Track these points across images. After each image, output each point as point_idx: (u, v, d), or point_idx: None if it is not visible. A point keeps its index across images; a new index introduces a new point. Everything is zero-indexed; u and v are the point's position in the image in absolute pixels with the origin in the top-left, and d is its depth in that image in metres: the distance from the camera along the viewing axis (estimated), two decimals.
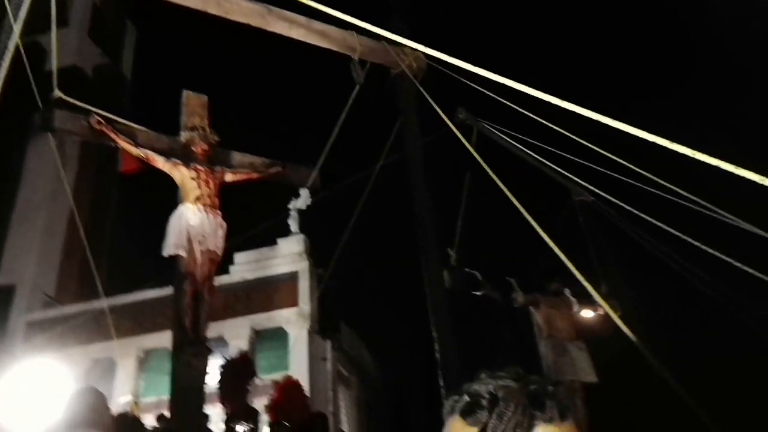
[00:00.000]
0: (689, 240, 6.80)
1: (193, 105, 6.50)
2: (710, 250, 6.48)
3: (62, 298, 16.81)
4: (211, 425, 6.53)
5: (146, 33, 24.58)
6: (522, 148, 8.48)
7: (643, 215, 7.52)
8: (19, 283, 16.79)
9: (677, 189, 6.29)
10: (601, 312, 8.05)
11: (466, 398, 1.02)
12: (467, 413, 1.00)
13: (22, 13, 3.66)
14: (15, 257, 17.21)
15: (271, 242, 14.84)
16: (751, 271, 5.95)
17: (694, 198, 6.37)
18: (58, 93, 6.01)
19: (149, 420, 10.92)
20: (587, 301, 8.05)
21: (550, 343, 7.76)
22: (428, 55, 5.92)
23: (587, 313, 8.20)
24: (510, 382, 1.00)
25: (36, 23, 5.39)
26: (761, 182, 2.07)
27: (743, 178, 1.98)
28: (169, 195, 6.23)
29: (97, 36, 21.84)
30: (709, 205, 6.37)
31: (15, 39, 3.70)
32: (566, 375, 7.45)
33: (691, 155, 2.04)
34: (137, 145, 6.07)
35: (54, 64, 6.11)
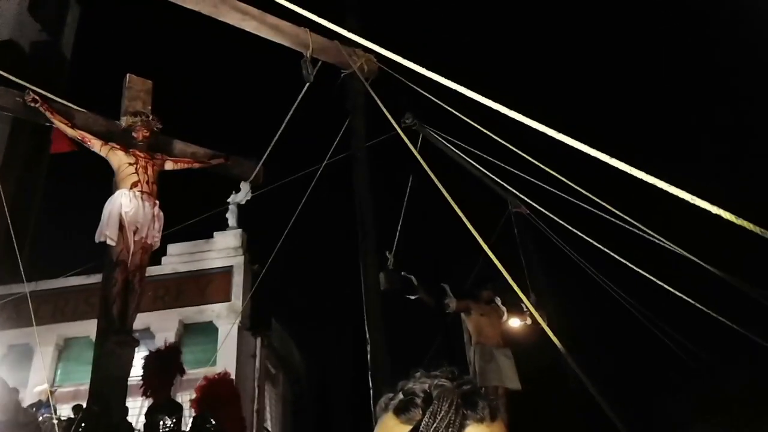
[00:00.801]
0: (617, 257, 7.10)
1: (136, 89, 6.35)
2: (637, 269, 6.78)
3: None
4: (131, 418, 6.36)
5: (90, 12, 23.70)
6: (465, 157, 8.66)
7: (574, 230, 7.82)
8: None
9: (609, 206, 6.56)
10: (528, 322, 8.30)
11: (401, 396, 1.02)
12: (401, 411, 1.00)
13: None
14: None
15: (207, 235, 14.58)
16: (671, 289, 6.27)
17: (625, 216, 6.65)
18: None
19: (65, 409, 10.56)
20: (516, 310, 8.28)
21: (478, 350, 7.92)
22: (380, 58, 5.99)
23: (515, 322, 8.43)
24: (445, 382, 1.01)
25: None
26: (691, 201, 2.21)
27: (674, 196, 2.10)
28: (102, 180, 6.06)
29: (38, 11, 20.91)
30: (639, 225, 6.66)
31: None
32: (492, 381, 7.61)
33: (628, 171, 2.15)
34: (74, 126, 5.88)
35: None
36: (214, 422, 5.92)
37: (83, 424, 5.21)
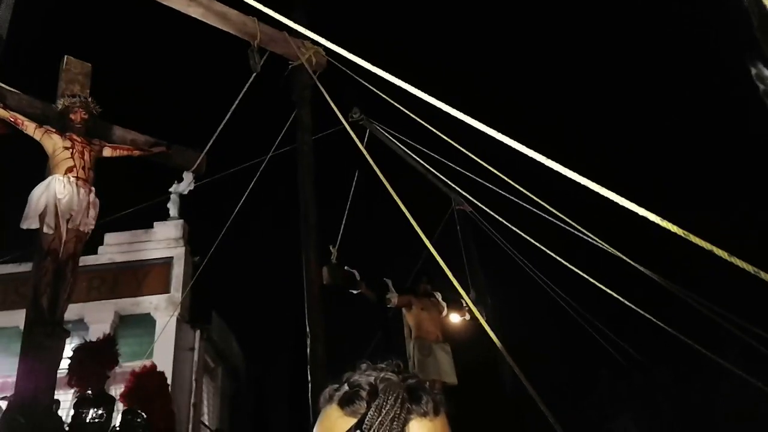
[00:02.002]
0: (555, 257, 7.31)
1: (74, 72, 6.12)
2: (573, 268, 6.99)
3: None
4: (62, 411, 6.17)
5: None
6: (410, 153, 8.73)
7: (514, 228, 7.99)
8: None
9: (548, 206, 6.74)
10: (467, 317, 8.45)
11: (346, 387, 1.01)
12: (346, 403, 0.99)
13: None
14: None
15: (147, 225, 14.20)
16: (607, 290, 6.50)
17: (562, 216, 6.85)
18: None
19: None
20: (456, 306, 8.42)
21: (417, 344, 8.02)
22: (328, 51, 5.97)
23: (455, 318, 8.57)
24: (391, 375, 1.00)
25: None
26: (621, 203, 2.30)
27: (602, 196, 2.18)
28: (34, 163, 5.83)
29: None
30: (576, 225, 6.87)
31: None
32: (430, 375, 7.72)
33: (563, 172, 2.22)
34: (6, 107, 5.63)
35: None
36: (144, 415, 5.80)
37: (9, 419, 5.01)
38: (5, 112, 5.61)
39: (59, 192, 5.47)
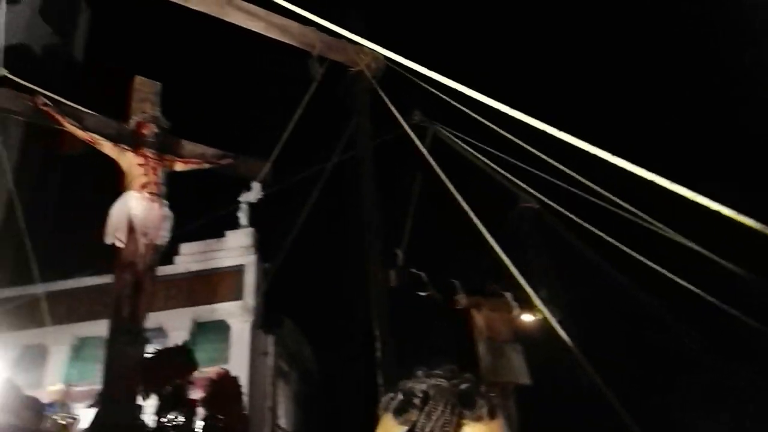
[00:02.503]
0: (627, 250, 7.07)
1: (144, 91, 6.39)
2: (647, 262, 6.74)
3: None
4: (144, 416, 6.43)
5: (101, 15, 23.86)
6: (474, 153, 8.63)
7: (585, 224, 7.77)
8: None
9: (618, 200, 6.53)
10: (539, 317, 8.28)
11: (400, 396, 1.01)
12: (399, 412, 0.99)
13: None
14: None
15: (219, 234, 14.64)
16: (683, 282, 6.24)
17: (634, 210, 6.62)
18: (2, 71, 5.82)
19: (80, 407, 10.66)
20: (526, 305, 8.27)
21: (488, 345, 7.93)
22: (386, 56, 5.98)
23: (526, 317, 8.41)
24: (442, 381, 1.00)
25: None
26: (691, 197, 2.21)
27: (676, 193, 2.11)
28: (114, 181, 6.11)
29: (49, 15, 21.09)
30: (649, 218, 6.63)
31: None
32: (502, 377, 7.62)
33: (630, 169, 2.15)
34: (84, 128, 5.94)
35: (1, 40, 5.90)
36: (222, 419, 5.98)
37: (96, 424, 5.27)
38: (83, 133, 5.92)
39: (135, 208, 5.72)
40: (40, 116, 5.87)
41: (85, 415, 9.92)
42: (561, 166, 6.74)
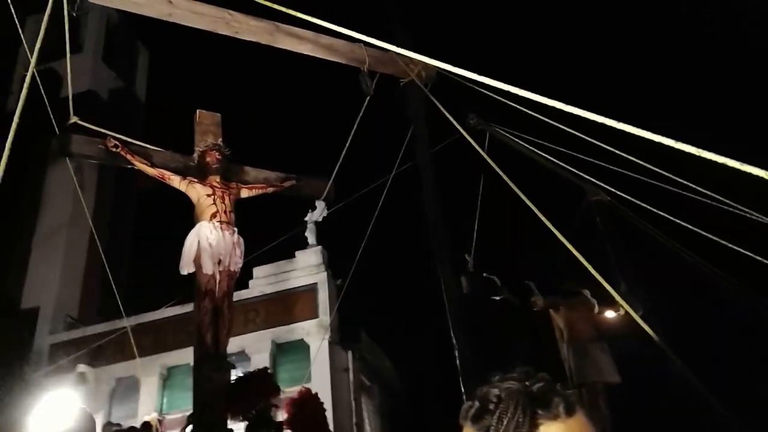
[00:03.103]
0: (708, 236, 6.75)
1: (206, 123, 6.59)
2: (732, 246, 6.42)
3: (85, 318, 17.00)
4: None
5: (158, 55, 24.96)
6: (535, 150, 8.47)
7: (660, 213, 7.47)
8: (43, 306, 17.00)
9: (693, 185, 6.25)
10: (621, 312, 7.99)
11: (477, 403, 1.02)
12: (476, 419, 0.99)
13: (39, 40, 3.77)
14: (38, 281, 17.45)
15: (289, 255, 14.92)
16: None
17: (712, 194, 6.32)
18: (74, 118, 6.14)
19: None
20: (607, 301, 7.99)
21: (571, 346, 7.71)
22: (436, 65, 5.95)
23: (608, 314, 8.14)
24: (513, 384, 1.00)
25: (50, 50, 5.51)
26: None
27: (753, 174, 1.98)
28: (186, 213, 6.31)
29: (111, 60, 22.19)
30: (728, 201, 6.32)
31: (32, 66, 3.79)
32: (589, 377, 7.39)
33: (698, 153, 2.05)
34: (153, 165, 6.17)
35: (69, 89, 6.22)
36: None
37: None
38: (153, 170, 6.15)
39: (207, 237, 5.89)
40: (111, 158, 6.14)
41: None
42: (626, 155, 6.52)
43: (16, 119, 3.31)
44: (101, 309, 16.91)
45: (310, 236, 14.55)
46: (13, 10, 5.32)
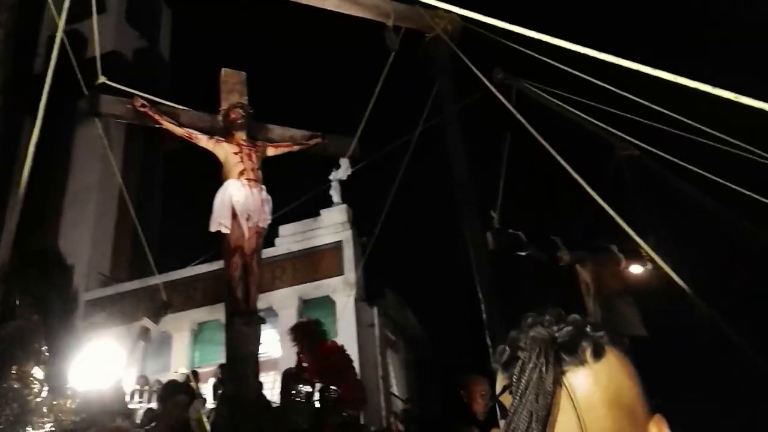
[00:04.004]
0: (739, 189, 6.63)
1: (231, 82, 6.58)
2: (765, 199, 6.31)
3: (117, 275, 17.44)
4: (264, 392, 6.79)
5: (181, 14, 24.84)
6: (562, 105, 8.33)
7: (690, 167, 7.35)
8: (76, 264, 17.44)
9: (726, 137, 6.13)
10: (649, 267, 7.96)
11: (507, 350, 0.95)
12: (506, 367, 0.93)
13: (66, 3, 3.79)
14: (70, 239, 17.87)
15: (314, 213, 15.04)
16: None
17: (745, 145, 6.19)
18: (102, 78, 6.17)
19: (207, 385, 11.35)
20: (634, 256, 7.97)
21: (597, 300, 7.74)
22: (462, 16, 5.86)
23: (635, 269, 8.12)
24: (538, 331, 0.92)
25: (75, 11, 5.52)
26: None
27: None
28: (214, 170, 6.37)
29: (135, 20, 22.19)
30: (760, 152, 6.19)
31: (61, 28, 3.82)
32: (615, 330, 7.42)
33: (735, 99, 2.01)
34: (180, 125, 6.20)
35: (97, 50, 6.25)
36: (337, 389, 6.19)
37: (223, 401, 5.61)
38: (180, 129, 6.19)
39: (236, 195, 5.95)
40: (139, 118, 6.18)
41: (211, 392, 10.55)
42: (657, 107, 6.38)
43: (48, 81, 3.35)
44: (133, 265, 17.30)
45: (335, 194, 14.63)
46: None
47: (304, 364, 6.47)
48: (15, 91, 4.66)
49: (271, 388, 8.49)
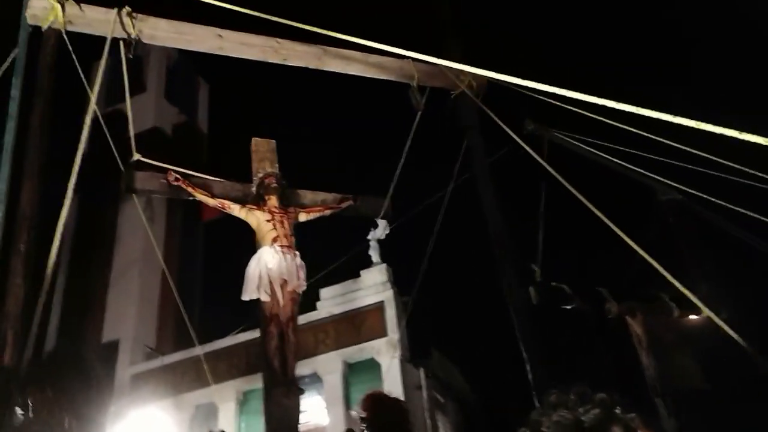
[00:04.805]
0: None
1: (262, 150, 6.67)
2: None
3: (162, 348, 17.54)
4: None
5: (218, 87, 25.81)
6: (597, 152, 8.18)
7: (736, 208, 7.06)
8: (122, 338, 17.66)
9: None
10: (703, 316, 7.58)
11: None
12: None
13: (96, 85, 3.93)
14: (116, 314, 18.17)
15: (354, 275, 14.97)
16: None
17: None
18: (136, 155, 6.33)
19: None
20: (687, 305, 7.60)
21: (652, 353, 7.38)
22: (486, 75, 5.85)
23: (690, 318, 7.75)
24: (563, 415, 0.92)
25: (117, 92, 5.69)
26: None
27: None
28: (250, 239, 6.39)
29: (173, 96, 23.10)
30: None
31: (91, 109, 3.94)
32: (673, 383, 7.04)
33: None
34: (213, 195, 6.28)
35: (131, 128, 6.44)
36: None
37: None
38: (213, 200, 6.27)
39: (269, 261, 5.93)
40: (174, 191, 6.29)
41: None
42: (696, 151, 6.19)
43: (77, 161, 3.43)
44: (177, 337, 17.41)
45: (374, 254, 14.57)
46: (75, 60, 5.56)
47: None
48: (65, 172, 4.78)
49: None
